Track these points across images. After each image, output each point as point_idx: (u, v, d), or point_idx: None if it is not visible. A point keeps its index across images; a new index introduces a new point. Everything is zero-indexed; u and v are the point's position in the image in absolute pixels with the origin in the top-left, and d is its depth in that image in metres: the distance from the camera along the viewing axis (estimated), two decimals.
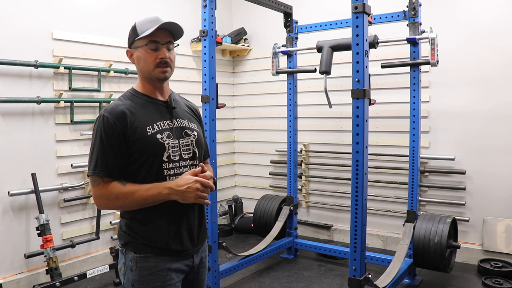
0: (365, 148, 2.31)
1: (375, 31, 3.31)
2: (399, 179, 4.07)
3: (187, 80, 4.56)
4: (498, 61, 3.63)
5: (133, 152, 1.47)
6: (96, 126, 1.49)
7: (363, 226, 2.37)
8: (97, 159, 1.45)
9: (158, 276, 1.50)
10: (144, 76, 1.57)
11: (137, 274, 1.49)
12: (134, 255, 1.50)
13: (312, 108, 4.58)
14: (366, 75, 2.29)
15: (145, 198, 1.43)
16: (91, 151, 1.48)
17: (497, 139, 3.68)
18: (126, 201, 1.44)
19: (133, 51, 1.56)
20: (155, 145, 1.49)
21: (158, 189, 1.43)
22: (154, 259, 1.50)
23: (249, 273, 3.69)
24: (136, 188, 1.44)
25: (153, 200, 1.44)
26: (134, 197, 1.43)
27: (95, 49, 3.71)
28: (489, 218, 3.73)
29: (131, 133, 1.47)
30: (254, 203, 4.46)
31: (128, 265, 1.51)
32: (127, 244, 1.52)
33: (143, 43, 1.52)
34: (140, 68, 1.56)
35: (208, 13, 2.87)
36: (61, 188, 3.48)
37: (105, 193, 1.45)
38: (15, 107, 3.23)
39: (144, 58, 1.52)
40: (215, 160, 3.00)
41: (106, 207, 1.54)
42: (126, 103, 1.52)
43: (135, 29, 1.54)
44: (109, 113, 1.47)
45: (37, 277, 3.32)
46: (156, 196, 1.44)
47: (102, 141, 1.45)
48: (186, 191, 1.42)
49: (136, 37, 1.52)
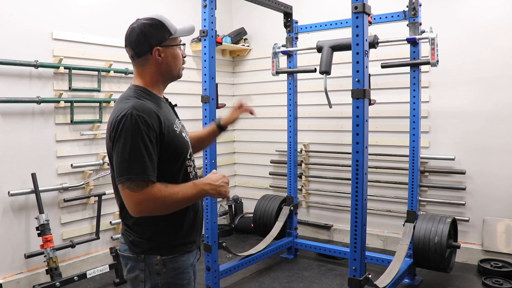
0: (365, 148, 2.31)
1: (375, 31, 3.31)
2: (399, 179, 4.07)
3: (187, 80, 4.56)
4: (498, 61, 3.63)
5: (165, 152, 1.42)
6: (126, 125, 1.35)
7: (363, 226, 2.37)
8: (139, 163, 1.33)
9: (186, 274, 1.53)
10: (168, 75, 1.56)
11: (168, 276, 1.48)
12: (160, 258, 1.47)
13: (312, 108, 4.58)
14: (366, 75, 2.29)
15: (189, 197, 1.42)
16: (126, 153, 1.34)
17: (497, 139, 3.68)
18: (172, 202, 1.38)
19: (163, 49, 1.50)
20: (183, 144, 1.51)
21: (199, 186, 1.44)
22: (181, 257, 1.51)
23: (249, 273, 3.69)
24: (179, 188, 1.40)
25: (195, 198, 1.45)
26: (179, 197, 1.39)
27: (95, 49, 3.71)
28: (489, 218, 3.73)
29: (166, 132, 1.42)
30: (254, 203, 4.46)
31: (153, 270, 1.47)
32: (151, 249, 1.47)
33: (176, 42, 1.54)
34: (168, 67, 1.53)
35: (208, 13, 2.87)
36: (61, 188, 3.48)
37: (152, 197, 1.34)
38: (15, 107, 3.23)
39: (176, 57, 1.54)
40: (215, 160, 3.00)
41: (149, 213, 1.39)
42: (147, 101, 1.45)
43: (165, 26, 1.51)
44: (141, 111, 1.37)
45: (37, 277, 3.32)
46: (199, 193, 1.44)
47: (141, 141, 1.34)
48: (221, 185, 1.46)
49: (169, 35, 1.51)
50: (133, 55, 1.52)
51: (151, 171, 1.35)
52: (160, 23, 1.51)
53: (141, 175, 1.33)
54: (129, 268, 1.51)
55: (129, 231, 1.50)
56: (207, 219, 2.99)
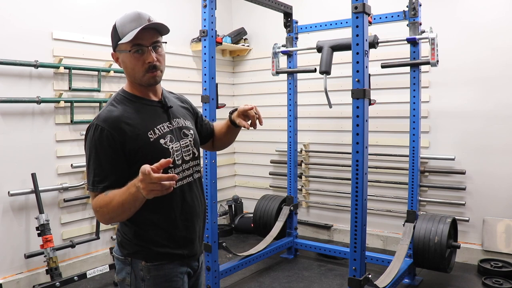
0: (365, 148, 2.31)
1: (375, 31, 3.31)
2: (399, 179, 4.07)
3: (187, 80, 4.56)
4: (498, 61, 3.63)
5: (136, 161, 1.35)
6: (89, 137, 1.37)
7: (363, 226, 2.37)
8: (94, 174, 1.35)
9: (174, 282, 1.45)
10: (134, 81, 1.46)
11: (152, 283, 1.42)
12: (145, 264, 1.42)
13: (312, 108, 4.58)
14: (366, 75, 2.29)
15: (122, 203, 1.27)
16: (87, 164, 1.38)
17: (497, 139, 3.68)
18: (109, 211, 1.31)
19: (118, 54, 1.44)
20: (160, 151, 1.40)
21: (128, 189, 1.25)
22: (168, 265, 1.44)
23: (249, 273, 3.69)
24: (114, 195, 1.29)
25: (129, 203, 1.26)
26: (113, 204, 1.28)
27: (95, 49, 3.71)
28: (489, 218, 3.73)
29: (132, 141, 1.36)
30: (254, 203, 4.46)
31: (138, 275, 1.43)
32: (135, 253, 1.43)
33: (127, 47, 1.39)
34: (127, 73, 1.45)
35: (208, 13, 2.87)
36: (61, 188, 3.48)
37: (94, 207, 1.35)
38: (15, 107, 3.23)
39: (131, 64, 1.40)
40: (215, 160, 3.00)
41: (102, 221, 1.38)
42: (120, 108, 1.41)
43: (116, 30, 1.41)
44: (104, 121, 1.35)
45: (37, 277, 3.32)
46: (130, 197, 1.24)
47: (98, 154, 1.35)
48: (138, 185, 1.20)
49: (119, 40, 1.40)
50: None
51: (99, 182, 1.34)
52: (114, 26, 1.42)
53: (91, 185, 1.36)
54: (118, 269, 1.49)
55: (119, 231, 1.49)
56: (207, 219, 2.99)
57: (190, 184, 1.51)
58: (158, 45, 1.43)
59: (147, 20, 1.41)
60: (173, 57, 4.44)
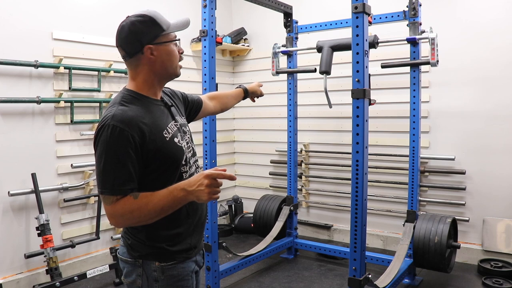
0: (365, 148, 2.31)
1: (375, 31, 3.31)
2: (399, 179, 4.07)
3: (187, 80, 4.56)
4: (498, 61, 3.63)
5: (153, 162, 1.36)
6: (104, 137, 1.30)
7: (363, 226, 2.37)
8: (110, 177, 1.30)
9: (186, 281, 1.48)
10: (164, 75, 1.46)
11: (166, 283, 1.43)
12: (159, 264, 1.42)
13: (312, 108, 4.58)
14: (366, 75, 2.29)
15: (162, 207, 1.30)
16: (101, 165, 1.31)
17: (497, 139, 3.68)
18: (142, 215, 1.30)
19: (155, 47, 1.41)
20: (176, 150, 1.42)
21: (172, 194, 1.30)
22: (181, 264, 1.46)
23: (249, 273, 3.69)
24: (149, 199, 1.30)
25: (170, 207, 1.31)
26: (149, 208, 1.29)
27: (95, 49, 3.70)
28: (489, 218, 3.73)
29: (151, 141, 1.34)
30: (254, 203, 4.46)
31: (151, 276, 1.43)
32: (148, 254, 1.43)
33: (170, 38, 1.44)
34: (163, 66, 1.44)
35: (208, 13, 2.87)
36: (61, 188, 3.48)
37: (119, 211, 1.30)
38: (15, 107, 3.23)
39: (171, 55, 1.45)
40: (215, 160, 3.00)
41: (124, 225, 1.39)
42: (133, 107, 1.37)
43: (156, 22, 1.40)
44: (121, 122, 1.30)
45: (37, 277, 3.32)
46: (173, 202, 1.30)
47: (117, 156, 1.29)
48: (198, 190, 1.28)
49: (162, 31, 1.41)
50: (125, 56, 1.43)
51: (121, 185, 1.30)
52: (151, 19, 1.40)
53: (109, 189, 1.30)
54: (126, 272, 1.47)
55: (128, 234, 1.46)
56: (207, 219, 2.99)
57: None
58: None
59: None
60: None
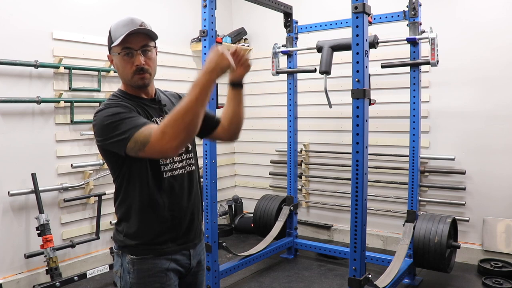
0: (365, 148, 2.31)
1: (375, 31, 3.31)
2: (399, 179, 4.07)
3: (187, 80, 4.56)
4: (498, 61, 3.63)
5: None
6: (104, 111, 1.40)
7: (363, 226, 2.37)
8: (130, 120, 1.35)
9: (157, 277, 1.49)
10: (125, 82, 1.54)
11: (136, 276, 1.48)
12: (131, 257, 1.49)
13: (312, 108, 4.58)
14: (366, 75, 2.28)
15: (195, 97, 1.26)
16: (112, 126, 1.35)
17: (497, 139, 3.68)
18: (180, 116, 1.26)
19: (112, 56, 1.51)
20: None
21: (198, 84, 1.28)
22: (152, 260, 1.49)
23: (249, 273, 3.69)
24: (180, 103, 1.28)
25: (202, 92, 1.27)
26: (182, 106, 1.26)
27: (95, 49, 3.70)
28: (489, 218, 3.73)
29: None
30: (254, 203, 4.46)
31: (125, 267, 1.50)
32: (124, 247, 1.51)
33: (117, 50, 1.46)
34: (119, 75, 1.53)
35: (208, 13, 2.87)
36: (61, 188, 3.48)
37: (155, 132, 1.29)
38: (15, 107, 3.23)
39: (122, 66, 1.48)
40: (215, 160, 3.00)
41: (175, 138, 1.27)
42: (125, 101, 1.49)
43: (110, 34, 1.49)
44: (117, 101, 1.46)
45: (37, 277, 3.32)
46: (202, 84, 1.27)
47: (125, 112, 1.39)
48: (217, 61, 1.29)
49: (112, 43, 1.47)
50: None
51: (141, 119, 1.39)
52: (109, 29, 1.50)
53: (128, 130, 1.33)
54: (114, 262, 1.57)
55: (115, 226, 1.57)
56: (207, 219, 2.99)
57: (182, 176, 1.55)
58: (147, 49, 1.49)
59: (139, 25, 1.47)
60: (173, 57, 4.44)
